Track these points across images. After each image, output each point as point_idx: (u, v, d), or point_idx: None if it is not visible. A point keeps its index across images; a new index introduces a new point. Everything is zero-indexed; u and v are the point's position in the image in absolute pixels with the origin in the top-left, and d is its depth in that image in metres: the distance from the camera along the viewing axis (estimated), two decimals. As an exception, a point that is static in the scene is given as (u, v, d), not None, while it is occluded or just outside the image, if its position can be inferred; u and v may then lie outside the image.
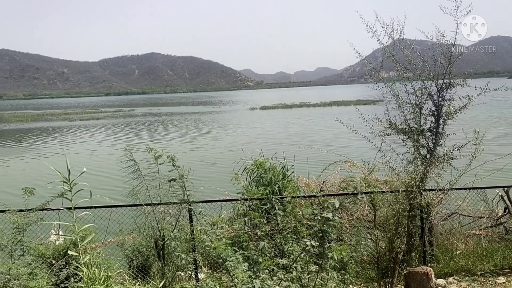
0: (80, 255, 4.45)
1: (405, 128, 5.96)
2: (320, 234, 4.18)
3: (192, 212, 6.10)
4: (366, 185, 6.45)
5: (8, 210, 5.34)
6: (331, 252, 4.20)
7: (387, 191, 5.89)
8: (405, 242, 5.56)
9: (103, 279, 4.33)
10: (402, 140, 5.99)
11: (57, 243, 6.56)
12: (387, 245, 5.51)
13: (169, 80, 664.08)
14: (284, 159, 9.66)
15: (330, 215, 4.12)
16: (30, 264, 4.70)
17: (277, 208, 5.10)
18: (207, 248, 4.52)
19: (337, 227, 6.04)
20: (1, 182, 19.37)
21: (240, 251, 4.34)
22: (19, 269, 4.46)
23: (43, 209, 5.52)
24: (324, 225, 4.14)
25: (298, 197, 6.74)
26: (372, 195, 5.59)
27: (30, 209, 5.41)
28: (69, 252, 4.81)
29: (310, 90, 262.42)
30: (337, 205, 4.17)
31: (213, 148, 28.27)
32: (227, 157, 23.36)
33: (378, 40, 6.13)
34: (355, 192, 5.71)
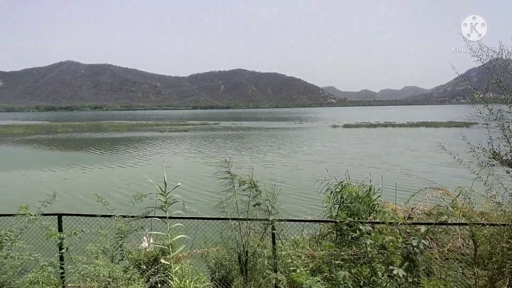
0: (171, 264, 4.67)
1: (511, 159, 5.45)
2: (408, 263, 3.96)
3: (275, 233, 6.13)
4: (461, 215, 6.01)
5: (114, 215, 5.80)
6: (422, 285, 3.95)
7: (488, 224, 5.42)
8: (507, 283, 5.07)
9: (192, 290, 4.48)
10: (507, 172, 5.49)
11: (147, 250, 6.95)
12: (487, 284, 5.06)
13: (252, 95, 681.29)
14: (371, 181, 9.36)
15: (420, 244, 3.90)
16: (128, 269, 5.03)
17: (365, 235, 4.93)
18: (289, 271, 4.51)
19: (427, 258, 5.68)
20: (101, 186, 21.08)
21: (322, 282, 4.27)
22: (117, 272, 4.79)
23: (146, 217, 5.92)
24: (412, 255, 3.92)
25: (390, 224, 6.47)
26: (470, 227, 5.18)
27: (133, 216, 5.83)
28: (161, 261, 5.06)
29: (396, 109, 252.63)
30: (424, 233, 3.93)
31: (286, 165, 28.14)
32: (304, 175, 23.27)
33: (479, 60, 5.67)
34: (450, 222, 5.33)
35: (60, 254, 5.28)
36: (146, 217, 5.94)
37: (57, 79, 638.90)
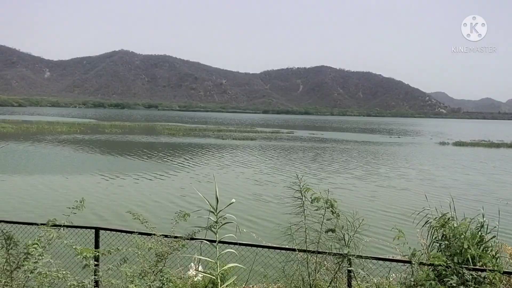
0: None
1: None
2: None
3: (352, 272, 6.01)
4: None
5: (154, 234, 6.04)
6: None
7: None
8: None
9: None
10: None
11: (196, 279, 7.13)
12: None
13: (338, 99, 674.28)
14: (483, 216, 8.89)
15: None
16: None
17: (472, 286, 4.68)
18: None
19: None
20: (143, 199, 22.01)
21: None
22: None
23: (191, 239, 6.11)
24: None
25: (506, 273, 6.10)
26: None
27: (176, 237, 6.03)
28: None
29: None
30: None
31: (367, 190, 27.53)
32: (387, 204, 22.67)
33: None
34: None
35: (95, 277, 5.51)
36: (192, 239, 6.11)
37: (109, 71, 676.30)
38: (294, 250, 6.70)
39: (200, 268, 7.50)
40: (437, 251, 7.86)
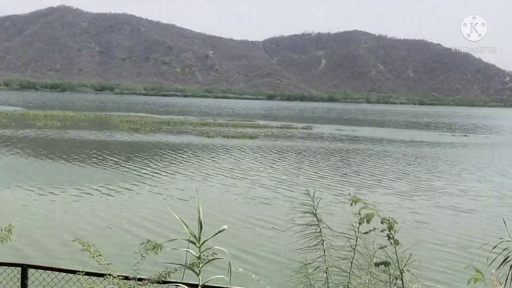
0: None
1: None
2: None
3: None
4: None
5: (109, 274, 6.04)
6: None
7: None
8: None
9: None
10: None
11: None
12: None
13: (377, 80, 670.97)
14: None
15: None
16: None
17: None
18: None
19: None
20: (97, 221, 22.01)
21: None
22: None
23: (163, 282, 6.09)
24: None
25: None
26: None
27: (140, 279, 6.02)
28: None
29: None
30: None
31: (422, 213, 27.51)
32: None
33: None
34: None
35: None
36: (164, 282, 6.10)
37: (43, 37, 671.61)
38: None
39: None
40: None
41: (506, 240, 8.95)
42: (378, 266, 6.35)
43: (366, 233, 6.44)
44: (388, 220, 5.64)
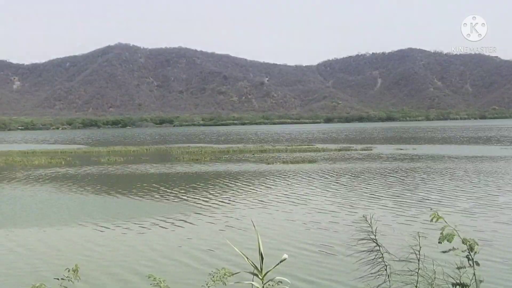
0: None
1: None
2: None
3: None
4: None
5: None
6: None
7: None
8: None
9: None
10: None
11: None
12: None
13: (434, 96, 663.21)
14: None
15: None
16: None
17: None
18: None
19: None
20: (155, 253, 22.23)
21: None
22: None
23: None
24: None
25: None
26: None
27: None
28: None
29: None
30: None
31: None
32: None
33: None
34: None
35: None
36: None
37: (102, 75, 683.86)
38: None
39: None
40: None
41: None
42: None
43: (444, 252, 6.36)
44: (469, 241, 5.60)
